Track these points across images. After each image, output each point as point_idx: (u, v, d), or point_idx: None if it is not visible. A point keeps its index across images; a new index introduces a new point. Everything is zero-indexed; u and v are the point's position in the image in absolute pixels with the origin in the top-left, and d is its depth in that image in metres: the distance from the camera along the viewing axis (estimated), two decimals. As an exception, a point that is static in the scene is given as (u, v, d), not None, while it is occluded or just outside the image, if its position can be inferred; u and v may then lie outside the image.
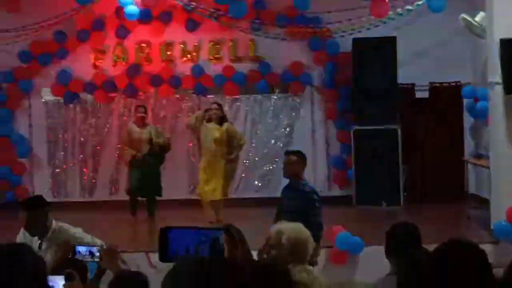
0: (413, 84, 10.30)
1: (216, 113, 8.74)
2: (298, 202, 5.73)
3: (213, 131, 8.65)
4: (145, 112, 9.42)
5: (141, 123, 9.28)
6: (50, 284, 2.71)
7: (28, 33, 9.98)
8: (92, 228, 8.64)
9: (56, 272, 3.00)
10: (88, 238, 4.61)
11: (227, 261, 2.01)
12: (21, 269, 2.30)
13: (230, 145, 8.80)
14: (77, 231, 4.70)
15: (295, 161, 5.90)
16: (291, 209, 5.70)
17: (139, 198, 9.29)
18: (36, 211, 4.55)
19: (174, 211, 9.40)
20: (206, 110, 8.93)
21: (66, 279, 2.87)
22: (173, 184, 10.04)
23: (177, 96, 10.58)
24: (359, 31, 9.78)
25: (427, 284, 2.39)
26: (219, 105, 9.07)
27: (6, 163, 10.61)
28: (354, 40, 9.88)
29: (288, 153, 6.24)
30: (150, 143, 9.12)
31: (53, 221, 4.65)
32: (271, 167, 10.51)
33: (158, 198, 9.34)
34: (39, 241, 4.57)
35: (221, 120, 8.78)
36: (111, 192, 10.61)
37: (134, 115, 9.57)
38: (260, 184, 10.61)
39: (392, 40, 9.77)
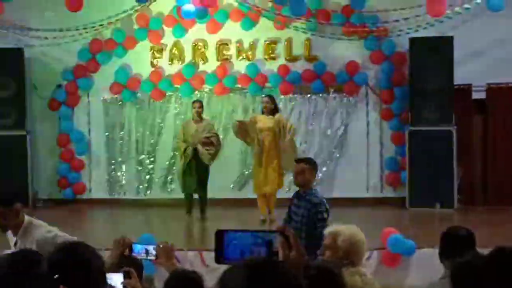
0: (470, 85, 10.09)
1: (266, 106, 8.78)
2: (305, 212, 5.47)
3: (266, 121, 8.69)
4: (201, 107, 9.40)
5: (197, 118, 9.34)
6: (109, 281, 2.77)
7: (88, 32, 10.26)
8: (146, 225, 8.92)
9: (112, 270, 3.03)
10: (62, 237, 4.43)
11: (281, 263, 2.03)
12: (81, 265, 2.35)
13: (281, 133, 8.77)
14: (49, 229, 4.60)
15: (307, 169, 5.61)
16: (297, 218, 5.52)
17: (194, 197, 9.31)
18: (5, 208, 4.57)
19: (223, 210, 9.49)
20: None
21: (124, 277, 2.92)
22: (224, 182, 10.13)
23: (232, 94, 10.65)
24: (416, 30, 9.66)
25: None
26: (271, 97, 9.03)
27: (65, 160, 10.91)
28: (411, 39, 9.76)
29: (299, 161, 5.94)
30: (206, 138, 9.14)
31: (26, 218, 4.63)
32: (324, 168, 10.47)
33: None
34: (15, 239, 4.60)
35: (273, 112, 8.78)
36: (166, 190, 10.74)
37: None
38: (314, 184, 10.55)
39: (449, 40, 9.61)
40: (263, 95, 9.34)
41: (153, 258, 3.33)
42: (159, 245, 3.36)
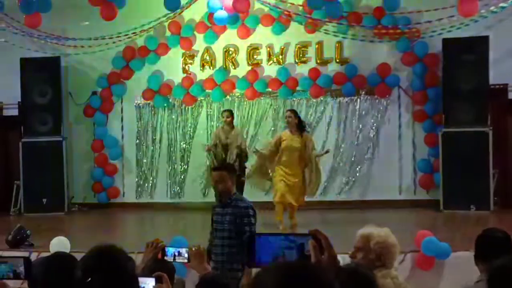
0: (506, 85, 9.91)
1: (289, 121, 8.63)
2: (232, 218, 5.24)
3: (292, 141, 8.59)
4: (230, 116, 9.43)
5: (228, 127, 9.38)
6: (141, 285, 2.79)
7: (121, 39, 10.41)
8: (176, 230, 8.98)
9: (144, 273, 3.05)
10: None
11: (314, 264, 2.03)
12: (113, 269, 2.37)
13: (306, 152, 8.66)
14: None
15: (227, 177, 5.35)
16: (222, 226, 5.27)
17: None
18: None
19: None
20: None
21: (156, 281, 2.95)
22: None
23: (263, 98, 10.67)
24: (449, 31, 9.56)
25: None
26: (294, 111, 8.87)
27: (99, 165, 11.09)
28: (444, 40, 9.65)
29: (217, 168, 5.77)
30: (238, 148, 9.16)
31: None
32: (356, 171, 10.43)
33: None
34: None
35: (299, 126, 8.60)
36: (199, 194, 10.80)
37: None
38: (347, 187, 10.52)
39: (484, 40, 9.46)
40: (287, 109, 9.23)
41: (185, 261, 3.35)
42: (192, 248, 3.39)
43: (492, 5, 8.89)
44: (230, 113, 9.52)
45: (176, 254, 3.37)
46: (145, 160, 11.02)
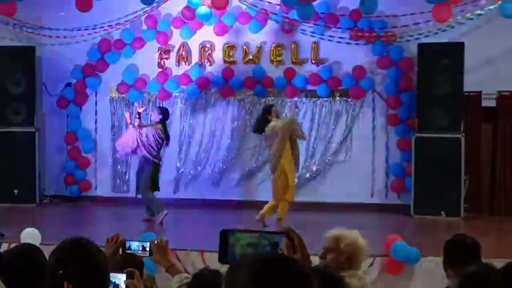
0: (479, 92, 10.02)
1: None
2: None
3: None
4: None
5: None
6: (112, 280, 2.77)
7: (97, 31, 10.31)
8: (150, 225, 8.92)
9: (115, 269, 3.05)
10: None
11: (288, 257, 2.00)
12: (85, 262, 2.35)
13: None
14: None
15: None
16: None
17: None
18: None
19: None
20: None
21: (127, 277, 2.93)
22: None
23: (238, 97, 10.66)
24: (426, 36, 9.63)
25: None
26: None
27: (72, 157, 10.98)
28: (420, 45, 9.73)
29: None
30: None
31: None
32: (328, 173, 10.50)
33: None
34: None
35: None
36: (172, 190, 10.76)
37: None
38: (319, 189, 10.57)
39: (459, 46, 9.54)
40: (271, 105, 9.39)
41: (147, 254, 3.34)
42: (154, 241, 3.37)
43: (468, 12, 8.97)
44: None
45: (138, 248, 3.36)
46: (118, 155, 10.94)
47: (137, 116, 9.27)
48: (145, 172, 9.10)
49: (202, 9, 10.13)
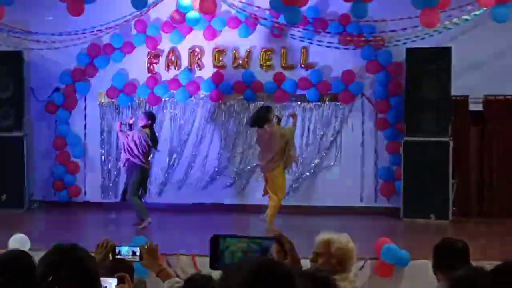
0: (467, 96, 10.11)
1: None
2: None
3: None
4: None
5: None
6: (103, 285, 2.76)
7: (86, 36, 10.28)
8: (142, 229, 8.90)
9: (105, 273, 3.02)
10: None
11: (278, 262, 2.02)
12: (75, 267, 2.35)
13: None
14: None
15: None
16: None
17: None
18: None
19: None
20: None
21: (118, 281, 2.93)
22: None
23: (227, 102, 10.67)
24: (413, 41, 9.70)
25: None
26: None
27: (61, 162, 10.93)
28: (408, 49, 9.79)
29: None
30: None
31: None
32: (318, 177, 10.52)
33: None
34: None
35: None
36: (161, 195, 10.75)
37: None
38: (308, 193, 10.59)
39: (447, 51, 9.62)
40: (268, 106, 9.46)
41: (137, 259, 3.33)
42: (144, 246, 3.37)
43: (455, 17, 9.04)
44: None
45: (128, 253, 3.35)
46: (108, 160, 10.91)
47: (129, 128, 9.32)
48: (133, 177, 9.09)
49: (192, 14, 10.13)
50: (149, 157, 9.35)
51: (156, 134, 9.45)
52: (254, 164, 10.29)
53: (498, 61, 10.01)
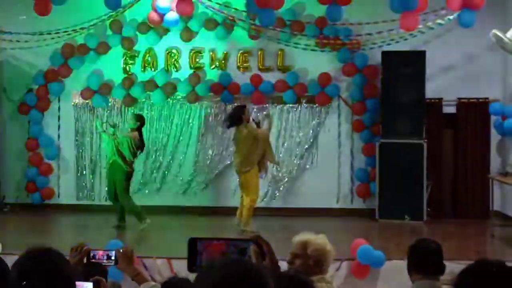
0: (440, 99, 10.24)
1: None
2: None
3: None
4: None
5: None
6: (79, 288, 2.73)
7: (60, 36, 10.16)
8: (114, 233, 8.83)
9: (80, 277, 2.99)
10: None
11: (251, 262, 2.02)
12: (50, 272, 2.31)
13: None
14: None
15: None
16: None
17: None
18: None
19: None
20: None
21: (94, 285, 2.90)
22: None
23: (204, 102, 10.65)
24: (389, 44, 9.79)
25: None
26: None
27: (34, 164, 10.78)
28: (383, 52, 9.87)
29: None
30: None
31: None
32: (294, 178, 10.54)
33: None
34: None
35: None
36: (139, 197, 10.66)
37: None
38: (284, 194, 10.60)
39: (421, 54, 9.74)
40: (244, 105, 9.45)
41: (112, 263, 3.30)
42: (119, 250, 3.34)
43: (429, 21, 9.14)
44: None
45: (103, 257, 3.32)
46: (82, 161, 10.80)
47: (112, 127, 9.32)
48: (119, 179, 9.02)
49: (169, 15, 10.07)
50: (134, 160, 9.26)
51: (143, 137, 9.41)
52: (229, 162, 10.29)
53: (471, 64, 10.18)
